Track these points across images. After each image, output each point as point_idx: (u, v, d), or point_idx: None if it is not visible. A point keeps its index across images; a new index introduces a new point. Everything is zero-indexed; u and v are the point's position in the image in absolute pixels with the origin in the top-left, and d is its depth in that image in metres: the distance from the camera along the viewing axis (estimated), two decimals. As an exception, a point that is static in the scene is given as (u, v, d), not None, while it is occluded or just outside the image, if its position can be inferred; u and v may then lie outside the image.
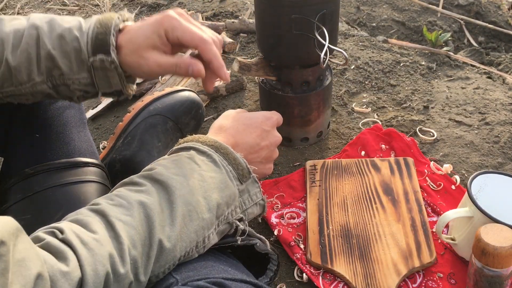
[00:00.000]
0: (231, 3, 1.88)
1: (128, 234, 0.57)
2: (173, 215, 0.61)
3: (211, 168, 0.67)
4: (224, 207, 0.67)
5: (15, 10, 2.12)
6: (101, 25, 0.72)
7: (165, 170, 0.65)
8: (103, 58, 0.71)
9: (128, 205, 0.59)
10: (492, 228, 0.75)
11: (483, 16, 1.99)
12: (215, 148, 0.70)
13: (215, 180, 0.66)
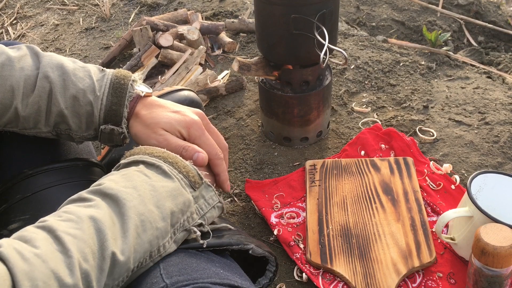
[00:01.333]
0: (231, 2, 1.88)
1: (78, 247, 0.54)
2: (125, 227, 0.59)
3: (162, 178, 0.66)
4: (178, 214, 0.66)
5: (15, 10, 2.12)
6: (115, 92, 0.74)
7: (115, 184, 0.63)
8: (114, 129, 0.75)
9: (78, 219, 0.57)
10: (491, 228, 0.75)
11: (483, 16, 1.99)
12: (163, 158, 0.69)
13: (167, 189, 0.65)
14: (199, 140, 0.75)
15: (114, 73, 0.77)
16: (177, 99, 1.12)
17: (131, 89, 0.76)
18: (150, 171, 0.67)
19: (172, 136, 0.74)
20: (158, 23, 1.61)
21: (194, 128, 0.75)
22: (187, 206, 0.67)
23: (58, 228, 0.55)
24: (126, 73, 0.77)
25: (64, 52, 1.80)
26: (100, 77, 0.76)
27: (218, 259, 0.68)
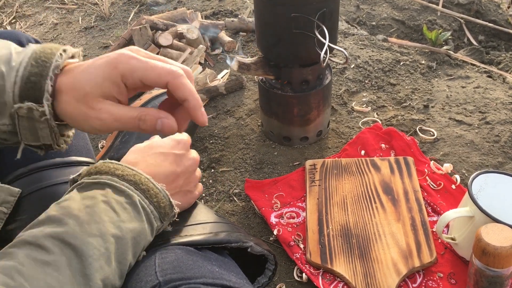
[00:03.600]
0: (231, 1, 1.87)
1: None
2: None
3: (131, 215, 0.57)
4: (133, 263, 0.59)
5: (14, 9, 2.11)
6: (36, 62, 0.56)
7: (79, 228, 0.52)
8: (32, 107, 0.56)
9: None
10: (492, 228, 0.75)
11: (483, 15, 1.99)
12: (134, 184, 0.59)
13: (134, 233, 0.57)
14: (139, 71, 0.56)
15: (41, 44, 0.60)
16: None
17: (59, 58, 0.58)
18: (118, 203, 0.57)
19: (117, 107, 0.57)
20: (157, 22, 1.61)
21: (123, 63, 0.56)
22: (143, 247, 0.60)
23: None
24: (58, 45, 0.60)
25: (63, 51, 1.79)
26: (22, 50, 0.58)
27: (215, 257, 0.68)
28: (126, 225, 0.56)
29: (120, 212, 0.57)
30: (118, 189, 0.58)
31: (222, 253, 0.71)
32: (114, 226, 0.55)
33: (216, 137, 1.26)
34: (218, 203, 1.09)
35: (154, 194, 0.61)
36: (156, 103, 1.09)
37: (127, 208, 0.57)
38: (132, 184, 0.59)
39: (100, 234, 0.54)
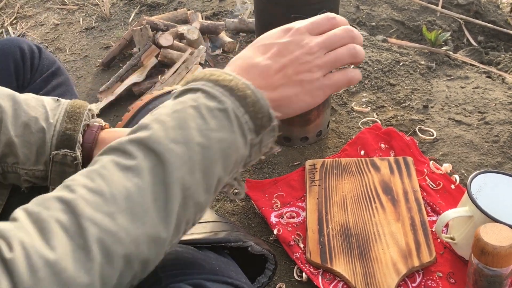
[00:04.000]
0: (231, 2, 1.88)
1: (103, 245, 0.45)
2: (168, 210, 0.49)
3: (221, 124, 0.53)
4: (225, 178, 0.55)
5: (15, 10, 2.12)
6: (70, 119, 0.72)
7: (163, 133, 0.51)
8: (67, 153, 0.71)
9: (110, 197, 0.47)
10: (491, 228, 0.75)
11: (483, 16, 1.99)
12: (230, 89, 0.55)
13: (223, 144, 0.53)
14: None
15: (69, 102, 0.75)
16: (177, 98, 1.11)
17: (87, 117, 0.74)
18: (209, 110, 0.54)
19: None
20: (158, 22, 1.61)
21: None
22: (238, 164, 0.56)
23: (83, 212, 0.46)
24: (82, 103, 0.75)
25: (64, 52, 1.80)
26: (55, 107, 0.73)
27: (215, 257, 0.68)
28: (214, 134, 0.53)
29: (208, 119, 0.53)
30: (211, 95, 0.55)
31: (222, 253, 0.72)
32: (201, 134, 0.52)
33: (217, 137, 1.27)
34: (218, 203, 1.10)
35: (251, 102, 0.55)
36: (157, 103, 1.10)
37: (217, 115, 0.54)
38: (227, 90, 0.55)
39: (185, 141, 0.51)
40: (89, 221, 0.45)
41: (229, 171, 0.55)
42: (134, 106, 1.11)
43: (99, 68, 1.65)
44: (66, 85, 0.96)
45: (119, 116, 1.40)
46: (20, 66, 0.89)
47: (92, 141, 0.73)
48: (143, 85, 1.46)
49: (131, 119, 1.09)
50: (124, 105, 1.44)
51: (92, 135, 0.74)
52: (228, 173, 0.55)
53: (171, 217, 0.49)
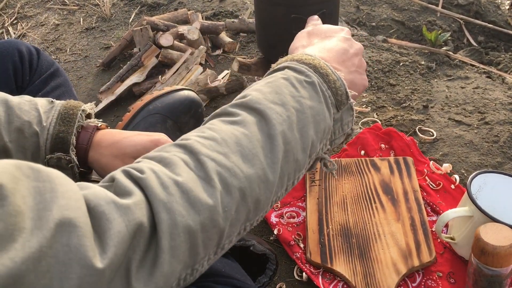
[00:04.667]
0: (231, 2, 1.88)
1: (221, 178, 0.49)
2: (274, 156, 0.53)
3: (310, 93, 0.58)
4: (317, 143, 0.59)
5: (15, 10, 2.12)
6: (63, 121, 0.72)
7: (262, 96, 0.56)
8: (61, 156, 0.71)
9: (222, 140, 0.51)
10: (491, 228, 0.75)
11: (483, 16, 1.99)
12: (314, 67, 0.60)
13: (313, 111, 0.58)
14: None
15: (63, 104, 0.74)
16: (177, 99, 1.12)
17: (80, 118, 0.74)
18: (298, 77, 0.59)
19: None
20: (158, 23, 1.61)
21: (162, 144, 0.73)
22: (326, 134, 0.61)
23: (201, 150, 0.50)
24: (76, 104, 0.75)
25: (64, 52, 1.80)
26: (48, 109, 0.73)
27: (219, 259, 0.68)
28: (305, 101, 0.57)
29: (299, 88, 0.58)
30: (298, 70, 0.60)
31: (224, 254, 0.72)
32: (294, 100, 0.57)
33: (217, 137, 1.27)
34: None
35: (332, 80, 0.61)
36: (157, 104, 1.10)
37: (306, 87, 0.58)
38: (311, 67, 0.60)
39: (282, 103, 0.56)
40: (206, 157, 0.49)
41: (319, 138, 0.59)
42: (135, 106, 1.11)
43: (99, 68, 1.65)
44: (65, 86, 0.96)
45: (120, 116, 1.40)
46: (19, 67, 0.89)
47: (86, 143, 0.73)
48: (143, 85, 1.46)
49: (132, 119, 1.09)
50: (125, 105, 1.45)
51: (87, 136, 0.73)
52: (319, 140, 0.60)
53: (276, 165, 0.53)
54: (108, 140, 0.74)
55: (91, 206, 0.42)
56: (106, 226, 0.41)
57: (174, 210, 0.45)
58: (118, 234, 0.41)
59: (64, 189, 0.41)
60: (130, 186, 0.45)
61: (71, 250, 0.38)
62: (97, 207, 0.42)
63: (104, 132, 0.76)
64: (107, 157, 0.73)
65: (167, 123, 1.09)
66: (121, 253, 0.41)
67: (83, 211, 0.41)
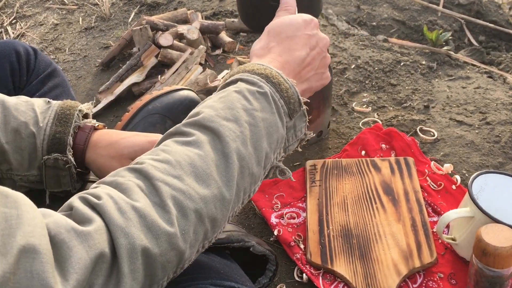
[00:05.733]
0: (231, 2, 1.87)
1: (176, 201, 0.49)
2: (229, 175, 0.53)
3: (262, 105, 0.59)
4: (270, 154, 0.60)
5: (14, 9, 2.11)
6: (59, 122, 0.71)
7: (214, 113, 0.56)
8: (58, 157, 0.70)
9: (176, 163, 0.52)
10: (492, 228, 0.75)
11: (484, 15, 1.99)
12: (266, 77, 0.60)
13: (266, 123, 0.58)
14: None
15: (59, 104, 0.74)
16: (177, 98, 1.11)
17: (77, 118, 0.73)
18: (251, 89, 0.59)
19: None
20: (158, 22, 1.61)
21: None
22: (279, 143, 0.61)
23: (155, 175, 0.50)
24: (73, 104, 0.75)
25: (63, 52, 1.79)
26: (45, 109, 0.73)
27: (218, 260, 0.68)
28: (258, 113, 0.58)
29: (252, 100, 0.58)
30: (250, 81, 0.60)
31: (224, 255, 0.72)
32: (247, 113, 0.57)
33: (217, 137, 1.26)
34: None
35: (284, 88, 0.61)
36: (157, 104, 1.09)
37: (258, 98, 0.59)
38: (263, 77, 0.60)
39: (234, 119, 0.56)
40: (161, 182, 0.50)
41: (273, 149, 0.60)
42: (134, 106, 1.11)
43: (98, 68, 1.65)
44: (63, 87, 0.96)
45: (119, 116, 1.39)
46: (16, 68, 0.89)
47: (84, 143, 0.73)
48: (143, 85, 1.46)
49: (131, 119, 1.08)
50: (124, 105, 1.44)
51: (84, 136, 0.73)
52: (273, 150, 0.60)
53: (232, 182, 0.53)
54: (105, 141, 0.73)
55: (52, 235, 0.42)
56: (67, 254, 0.42)
57: (132, 234, 0.46)
58: (79, 261, 0.42)
59: (30, 216, 0.41)
60: (88, 213, 0.46)
61: (33, 277, 0.39)
62: (58, 236, 0.42)
63: (101, 132, 0.75)
64: (104, 158, 0.72)
65: (167, 123, 1.08)
66: (83, 279, 0.42)
67: (47, 239, 0.41)
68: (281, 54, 0.66)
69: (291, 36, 0.67)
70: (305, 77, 0.68)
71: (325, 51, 0.70)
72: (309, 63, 0.68)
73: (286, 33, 0.67)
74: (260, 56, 0.67)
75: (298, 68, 0.66)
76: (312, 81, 0.69)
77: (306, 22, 0.69)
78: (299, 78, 0.67)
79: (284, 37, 0.67)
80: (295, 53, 0.66)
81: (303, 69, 0.67)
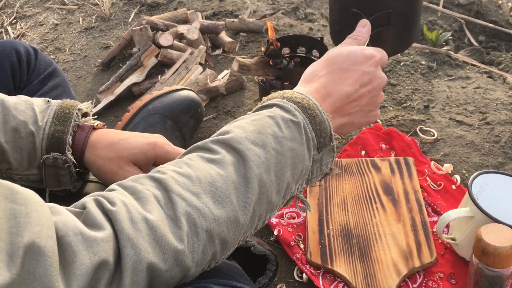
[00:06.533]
0: (231, 2, 1.87)
1: (189, 218, 0.50)
2: (247, 199, 0.53)
3: (293, 134, 0.58)
4: (292, 185, 0.60)
5: (14, 9, 2.11)
6: (58, 121, 0.71)
7: (244, 134, 0.57)
8: (57, 156, 0.70)
9: (196, 179, 0.52)
10: (492, 228, 0.75)
11: (484, 15, 1.99)
12: (302, 107, 0.60)
13: (293, 153, 0.58)
14: (169, 155, 0.73)
15: (59, 103, 0.74)
16: (177, 99, 1.11)
17: (76, 117, 0.73)
18: (284, 120, 0.59)
19: (140, 172, 0.71)
20: (158, 22, 1.61)
21: (160, 147, 0.73)
22: (303, 175, 0.61)
23: (173, 188, 0.51)
24: (73, 103, 0.75)
25: (63, 52, 1.79)
26: (44, 109, 0.73)
27: None
28: (287, 143, 0.58)
29: (283, 128, 0.58)
30: (285, 108, 0.60)
31: None
32: (276, 140, 0.57)
33: (217, 137, 1.26)
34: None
35: (318, 121, 0.61)
36: (157, 104, 1.09)
37: (291, 126, 0.59)
38: (299, 107, 0.60)
39: (262, 144, 0.56)
40: (178, 196, 0.50)
41: (295, 180, 0.60)
42: (134, 106, 1.11)
43: (98, 68, 1.65)
44: (63, 86, 0.96)
45: (119, 116, 1.39)
46: (17, 68, 0.89)
47: (82, 143, 0.73)
48: (143, 85, 1.46)
49: (131, 119, 1.08)
50: (124, 105, 1.44)
51: (83, 136, 0.73)
52: (295, 181, 0.60)
53: (248, 207, 0.54)
54: (104, 141, 0.73)
55: (59, 235, 0.42)
56: (71, 259, 0.42)
57: (140, 246, 0.46)
58: (82, 267, 0.42)
59: (39, 215, 0.42)
60: (100, 218, 0.46)
61: (36, 279, 0.39)
62: (65, 237, 0.43)
63: (100, 132, 0.75)
64: (103, 159, 0.72)
65: (167, 123, 1.08)
66: (84, 285, 0.42)
67: (54, 240, 0.42)
68: (326, 86, 0.65)
69: (344, 69, 0.66)
70: (348, 112, 0.67)
71: (378, 90, 0.69)
72: (355, 99, 0.67)
73: (340, 65, 0.66)
74: (307, 81, 0.67)
75: (341, 103, 0.65)
76: (356, 117, 0.68)
77: (366, 58, 0.67)
78: (340, 112, 0.66)
79: (336, 68, 0.66)
80: (342, 87, 0.65)
81: (346, 104, 0.66)
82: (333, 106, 0.65)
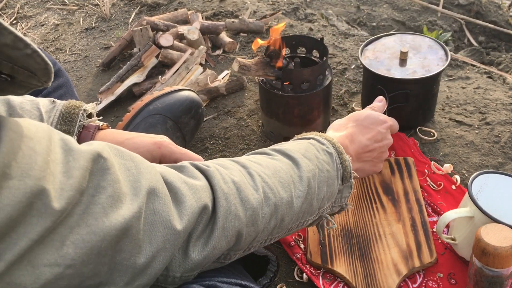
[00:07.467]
0: (231, 2, 1.87)
1: (264, 190, 0.60)
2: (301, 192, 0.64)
3: (328, 160, 0.71)
4: (325, 201, 0.71)
5: (15, 10, 2.12)
6: (64, 121, 0.74)
7: (294, 149, 0.69)
8: None
9: (265, 165, 0.63)
10: (492, 228, 0.75)
11: (484, 16, 1.99)
12: (333, 144, 0.74)
13: (329, 174, 0.70)
14: (174, 155, 0.75)
15: (64, 103, 0.75)
16: (177, 99, 1.12)
17: (82, 118, 0.75)
18: (321, 148, 0.72)
19: None
20: (158, 23, 1.61)
21: (165, 147, 0.75)
22: (332, 197, 0.73)
23: (251, 166, 0.62)
24: (78, 103, 0.76)
25: (64, 52, 1.80)
26: (50, 108, 0.74)
27: None
28: (325, 165, 0.70)
29: (321, 153, 0.71)
30: (320, 141, 0.74)
31: None
32: (317, 160, 0.70)
33: (217, 137, 1.27)
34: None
35: (344, 158, 0.74)
36: (158, 104, 1.10)
37: (326, 154, 0.72)
38: (331, 143, 0.75)
39: (309, 159, 0.69)
40: (255, 172, 0.62)
41: (328, 197, 0.71)
42: (135, 107, 1.11)
43: (99, 69, 1.65)
44: (67, 87, 0.96)
45: (120, 117, 1.39)
46: None
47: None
48: (143, 86, 1.46)
49: (132, 120, 1.09)
50: (125, 105, 1.44)
51: (88, 136, 0.75)
52: (327, 199, 0.72)
53: (301, 198, 0.65)
54: (109, 141, 0.74)
55: (168, 181, 0.52)
56: (181, 199, 0.52)
57: (230, 200, 0.56)
58: (191, 207, 0.52)
59: (145, 166, 0.51)
60: (196, 173, 0.57)
61: (156, 213, 0.49)
62: (173, 183, 0.52)
63: (105, 132, 0.76)
64: None
65: (167, 123, 1.08)
66: (191, 222, 0.52)
67: (162, 184, 0.51)
68: (352, 134, 0.84)
69: (366, 126, 0.87)
70: (363, 159, 0.86)
71: (385, 148, 0.90)
72: (370, 151, 0.86)
73: (363, 122, 0.87)
74: (336, 130, 0.87)
75: (360, 150, 0.84)
76: (366, 165, 0.87)
77: (381, 121, 0.89)
78: (358, 158, 0.84)
79: (359, 124, 0.87)
80: (363, 139, 0.85)
81: (363, 153, 0.85)
82: (355, 152, 0.83)
